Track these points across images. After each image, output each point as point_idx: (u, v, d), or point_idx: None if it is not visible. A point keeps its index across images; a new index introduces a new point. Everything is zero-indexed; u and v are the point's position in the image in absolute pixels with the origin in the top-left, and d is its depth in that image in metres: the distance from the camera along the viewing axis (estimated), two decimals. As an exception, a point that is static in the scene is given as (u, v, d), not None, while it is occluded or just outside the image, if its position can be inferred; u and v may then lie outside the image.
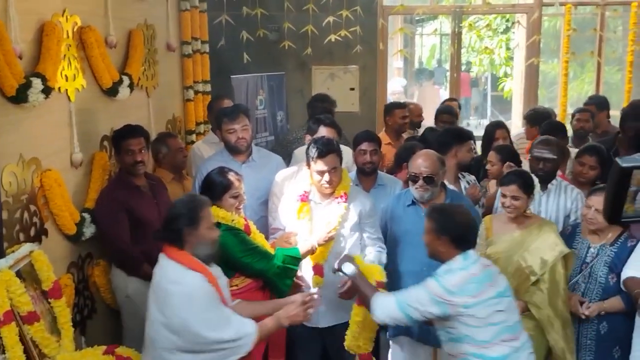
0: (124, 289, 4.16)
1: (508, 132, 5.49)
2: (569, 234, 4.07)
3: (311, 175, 3.90)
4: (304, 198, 3.95)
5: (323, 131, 4.40)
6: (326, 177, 3.82)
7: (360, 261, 3.59)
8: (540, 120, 5.88)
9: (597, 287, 3.87)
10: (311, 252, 3.77)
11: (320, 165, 3.81)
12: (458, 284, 3.06)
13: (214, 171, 3.72)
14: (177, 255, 3.03)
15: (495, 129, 5.52)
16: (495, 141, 5.33)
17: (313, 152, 3.83)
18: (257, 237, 3.73)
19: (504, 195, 3.92)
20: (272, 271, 3.59)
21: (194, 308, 2.93)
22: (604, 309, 3.80)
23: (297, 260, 3.66)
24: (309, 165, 3.89)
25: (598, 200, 3.80)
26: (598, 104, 6.65)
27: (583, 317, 3.82)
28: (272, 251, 3.70)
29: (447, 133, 4.86)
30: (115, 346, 3.47)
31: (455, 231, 3.18)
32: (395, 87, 11.16)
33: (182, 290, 2.94)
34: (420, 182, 3.89)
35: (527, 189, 3.90)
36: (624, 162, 1.35)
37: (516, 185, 3.88)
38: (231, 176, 3.65)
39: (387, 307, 3.20)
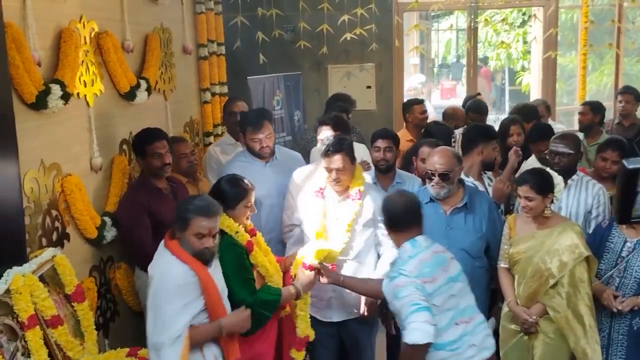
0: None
1: (523, 127, 5.46)
2: (606, 228, 4.00)
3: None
4: (319, 194, 3.99)
5: (325, 130, 4.41)
6: (333, 174, 3.88)
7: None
8: (528, 116, 5.93)
9: (632, 281, 3.80)
10: (295, 298, 3.66)
11: (326, 163, 3.88)
12: (413, 270, 3.17)
13: (226, 179, 3.68)
14: (170, 244, 3.22)
15: (510, 124, 5.51)
16: (509, 137, 5.33)
17: (322, 150, 3.91)
18: (259, 255, 3.63)
19: (519, 196, 3.86)
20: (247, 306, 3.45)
21: (167, 295, 3.09)
22: (637, 303, 3.75)
23: (272, 306, 3.53)
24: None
25: (525, 189, 3.82)
26: (636, 95, 6.66)
27: (615, 311, 3.77)
28: (275, 268, 3.70)
29: (475, 130, 4.87)
30: (137, 348, 3.49)
31: (387, 216, 3.36)
32: (411, 83, 11.18)
33: (159, 277, 3.14)
34: (436, 179, 3.90)
35: (541, 189, 3.77)
36: (630, 163, 1.37)
37: (528, 186, 3.77)
38: (246, 185, 3.62)
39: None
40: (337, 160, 3.86)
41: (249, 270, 3.55)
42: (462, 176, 4.24)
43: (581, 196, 4.29)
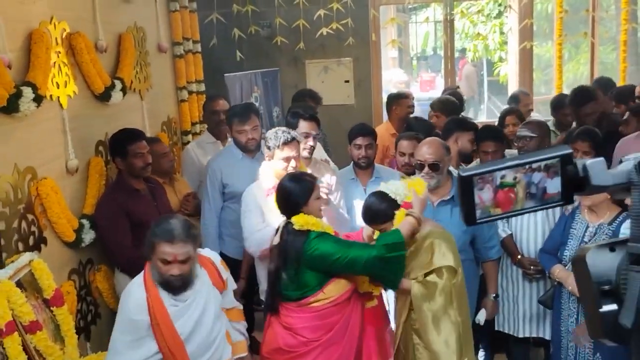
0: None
1: (520, 118, 5.54)
2: (569, 214, 4.05)
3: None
4: (272, 191, 3.90)
5: (303, 126, 4.38)
6: (292, 163, 3.91)
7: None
8: (450, 110, 5.92)
9: None
10: (418, 225, 3.38)
11: (287, 152, 3.90)
12: None
13: (287, 179, 3.55)
14: (146, 265, 3.20)
15: (506, 115, 5.61)
16: (505, 127, 5.39)
17: (279, 139, 3.90)
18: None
19: None
20: (375, 263, 3.25)
21: (123, 323, 3.15)
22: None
23: (400, 245, 3.25)
24: (270, 156, 3.96)
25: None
26: (604, 87, 6.59)
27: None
28: None
29: (452, 120, 5.01)
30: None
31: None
32: (399, 77, 11.23)
33: (121, 301, 3.20)
34: (426, 169, 3.91)
35: None
36: (463, 171, 1.44)
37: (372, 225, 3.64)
38: (310, 178, 3.52)
39: None
40: (297, 147, 3.96)
41: (344, 240, 3.44)
42: None
43: None
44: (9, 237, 3.40)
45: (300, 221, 3.37)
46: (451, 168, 4.40)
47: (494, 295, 4.21)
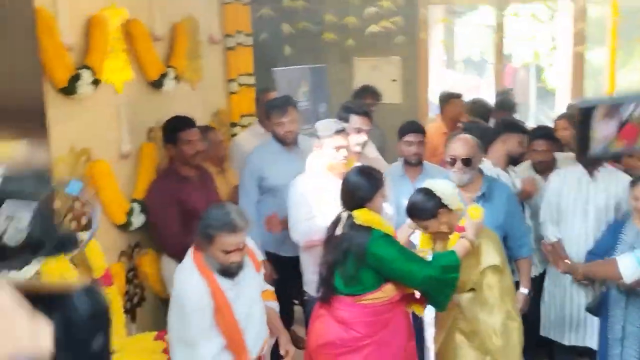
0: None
1: (571, 122, 5.46)
2: (621, 221, 4.00)
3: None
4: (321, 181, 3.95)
5: (355, 120, 4.38)
6: (343, 152, 3.91)
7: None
8: (477, 112, 5.84)
9: None
10: (471, 250, 3.39)
11: (337, 141, 3.92)
12: None
13: (356, 171, 3.51)
14: (195, 253, 3.17)
15: (558, 119, 5.60)
16: (555, 132, 5.31)
17: (330, 129, 3.94)
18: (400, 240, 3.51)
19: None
20: (431, 283, 3.28)
21: (178, 313, 3.11)
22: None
23: (456, 268, 3.28)
24: (319, 146, 3.98)
25: None
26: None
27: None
28: None
29: (502, 122, 4.96)
30: (165, 332, 3.52)
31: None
32: (453, 76, 11.19)
33: (180, 291, 3.12)
34: (458, 164, 3.88)
35: None
36: (582, 103, 1.41)
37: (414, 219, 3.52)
38: (379, 174, 3.49)
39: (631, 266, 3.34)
40: (346, 138, 3.98)
41: (410, 250, 3.42)
42: (490, 166, 4.25)
43: (610, 188, 4.26)
44: (62, 216, 3.48)
45: (363, 216, 3.33)
46: (488, 163, 4.39)
47: (527, 291, 4.14)
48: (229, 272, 3.14)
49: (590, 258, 4.09)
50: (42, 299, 0.73)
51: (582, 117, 1.25)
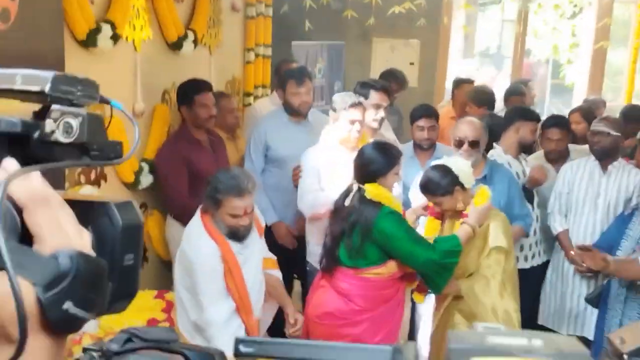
0: (179, 239, 4.20)
1: (585, 116, 5.42)
2: (627, 215, 3.99)
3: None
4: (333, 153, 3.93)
5: (374, 96, 4.33)
6: (357, 126, 3.88)
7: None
8: (486, 101, 5.76)
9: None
10: (473, 236, 3.40)
11: (353, 114, 3.88)
12: None
13: (374, 146, 3.50)
14: (203, 216, 3.16)
15: (570, 113, 5.59)
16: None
17: (346, 102, 3.89)
18: (409, 222, 3.48)
19: None
20: (431, 266, 3.30)
21: (187, 276, 3.11)
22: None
23: (457, 253, 3.30)
24: (335, 119, 3.95)
25: None
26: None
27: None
28: None
29: (515, 109, 4.92)
30: (165, 291, 3.54)
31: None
32: (471, 64, 11.15)
33: (190, 254, 3.11)
34: (466, 146, 3.91)
35: None
36: None
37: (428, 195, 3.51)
38: (397, 151, 3.48)
39: None
40: (362, 112, 3.95)
41: (416, 231, 3.42)
42: (501, 153, 4.26)
43: (622, 182, 4.25)
44: (72, 168, 3.47)
45: (374, 191, 3.32)
46: (500, 150, 4.38)
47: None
48: (238, 235, 3.14)
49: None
50: (78, 209, 0.73)
51: None
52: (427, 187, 3.45)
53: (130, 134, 3.88)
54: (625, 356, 1.42)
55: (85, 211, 0.74)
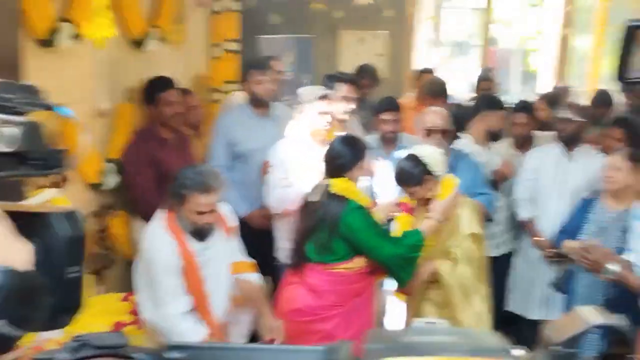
0: (146, 240, 4.18)
1: (550, 103, 5.48)
2: (589, 199, 4.06)
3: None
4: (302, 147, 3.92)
5: (342, 89, 4.31)
6: (327, 118, 3.87)
7: None
8: (441, 91, 5.70)
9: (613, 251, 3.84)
10: (436, 230, 3.44)
11: (321, 107, 3.87)
12: None
13: (341, 139, 3.49)
14: (168, 214, 3.15)
15: (536, 100, 5.76)
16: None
17: (314, 94, 3.89)
18: (376, 217, 3.48)
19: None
20: (396, 260, 3.34)
21: (146, 272, 3.12)
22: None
23: (420, 247, 3.34)
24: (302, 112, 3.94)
25: (615, 159, 3.82)
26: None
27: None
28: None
29: (482, 98, 5.04)
30: (131, 294, 3.49)
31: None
32: (439, 54, 11.19)
33: (148, 250, 3.12)
34: (437, 135, 3.94)
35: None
36: (631, 21, 1.38)
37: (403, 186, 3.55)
38: (363, 145, 3.47)
39: None
40: (329, 104, 3.93)
41: (382, 225, 3.42)
42: (469, 142, 4.32)
43: (587, 167, 4.32)
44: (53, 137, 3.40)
45: (339, 185, 3.33)
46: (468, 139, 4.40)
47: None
48: (201, 233, 3.12)
49: (560, 237, 4.15)
50: (21, 220, 0.71)
51: (626, 37, 1.24)
52: (400, 178, 3.47)
53: (94, 134, 3.83)
54: (556, 347, 1.43)
55: (29, 222, 0.72)
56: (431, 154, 3.47)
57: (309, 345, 3.19)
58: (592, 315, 1.52)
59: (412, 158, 3.45)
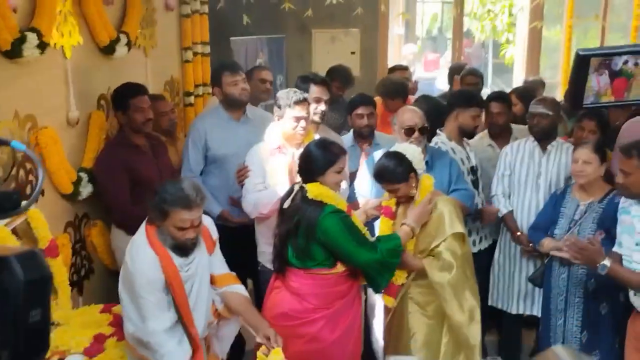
0: (124, 248, 4.09)
1: (522, 97, 5.46)
2: (560, 193, 4.12)
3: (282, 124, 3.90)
4: (278, 151, 3.90)
5: (314, 90, 4.29)
6: (302, 123, 3.82)
7: None
8: (400, 91, 5.71)
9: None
10: (412, 236, 3.46)
11: (298, 111, 3.82)
12: None
13: (314, 143, 3.47)
14: (148, 228, 3.09)
15: (508, 94, 5.49)
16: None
17: (290, 98, 3.82)
18: (355, 220, 3.43)
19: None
20: (373, 266, 3.32)
21: (129, 288, 3.05)
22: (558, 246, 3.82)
23: (398, 252, 3.36)
24: (279, 116, 3.89)
25: (584, 152, 3.87)
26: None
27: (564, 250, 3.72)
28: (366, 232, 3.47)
29: (456, 95, 4.86)
30: (112, 305, 3.45)
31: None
32: (410, 49, 11.21)
33: (131, 266, 3.04)
34: (416, 133, 3.95)
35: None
36: (582, 51, 1.42)
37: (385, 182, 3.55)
38: (336, 149, 3.41)
39: None
40: (307, 108, 3.90)
41: (359, 230, 3.36)
42: (445, 140, 4.32)
43: (561, 161, 4.33)
44: (6, 184, 3.35)
45: (314, 190, 3.30)
46: (443, 137, 4.43)
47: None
48: (183, 248, 3.07)
49: (533, 233, 4.18)
50: None
51: (579, 66, 1.26)
52: (383, 176, 3.48)
53: (66, 143, 3.78)
54: None
55: None
56: (413, 152, 3.49)
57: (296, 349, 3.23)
58: (567, 357, 1.53)
59: (396, 155, 3.46)
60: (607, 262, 3.30)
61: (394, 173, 3.44)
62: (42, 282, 0.72)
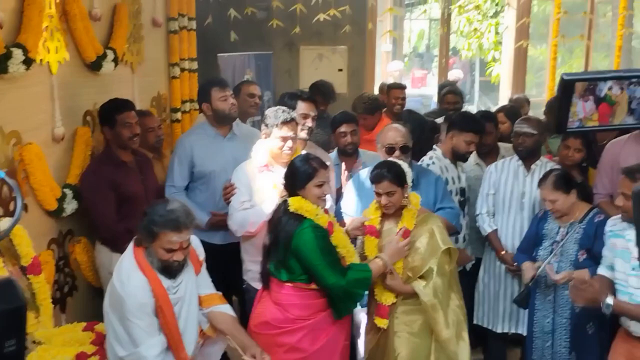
0: (108, 265, 4.06)
1: (509, 116, 5.50)
2: (541, 217, 4.14)
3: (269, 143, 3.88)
4: (265, 169, 3.91)
5: (301, 107, 4.27)
6: (289, 143, 3.82)
7: None
8: (377, 107, 5.84)
9: (567, 264, 3.92)
10: (385, 273, 3.47)
11: (285, 131, 3.81)
12: None
13: (299, 158, 3.51)
14: (135, 249, 3.06)
15: (496, 112, 5.61)
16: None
17: (278, 118, 3.81)
18: (340, 236, 3.43)
19: (378, 194, 3.61)
20: (337, 292, 3.33)
21: (118, 311, 3.01)
22: (572, 276, 3.75)
23: (365, 284, 3.40)
24: (267, 134, 3.87)
25: (545, 194, 3.94)
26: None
27: (554, 281, 3.84)
28: (352, 247, 3.48)
29: (456, 116, 4.75)
30: (95, 323, 3.41)
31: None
32: (396, 66, 11.26)
33: (120, 289, 2.99)
34: (397, 152, 3.94)
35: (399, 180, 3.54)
36: (567, 75, 1.44)
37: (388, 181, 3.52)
38: (315, 163, 3.42)
39: None
40: (295, 128, 3.89)
41: (333, 252, 3.37)
42: (440, 156, 4.42)
43: None
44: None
45: (295, 204, 3.34)
46: (439, 152, 4.44)
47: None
48: (171, 270, 3.05)
49: (519, 256, 4.20)
50: None
51: (563, 90, 1.28)
52: (385, 175, 3.48)
53: (51, 159, 3.75)
54: None
55: None
56: (403, 166, 3.56)
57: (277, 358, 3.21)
58: None
59: (394, 163, 3.54)
60: (610, 300, 3.25)
61: (397, 173, 3.48)
62: (18, 311, 0.71)
